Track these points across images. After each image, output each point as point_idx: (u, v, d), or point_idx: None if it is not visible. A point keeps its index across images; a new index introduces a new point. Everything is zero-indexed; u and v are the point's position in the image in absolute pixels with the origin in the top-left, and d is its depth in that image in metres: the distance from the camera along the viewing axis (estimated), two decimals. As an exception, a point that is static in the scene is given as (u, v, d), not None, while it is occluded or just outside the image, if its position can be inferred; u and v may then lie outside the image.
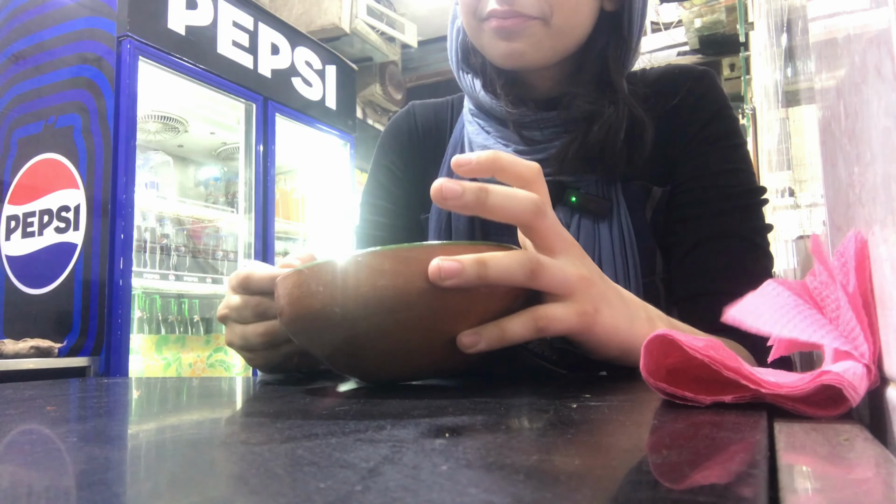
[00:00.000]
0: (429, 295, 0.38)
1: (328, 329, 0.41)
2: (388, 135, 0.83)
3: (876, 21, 0.30)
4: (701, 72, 0.72)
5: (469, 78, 0.74)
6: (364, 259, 0.39)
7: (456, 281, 0.37)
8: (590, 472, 0.20)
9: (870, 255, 0.33)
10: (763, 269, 0.64)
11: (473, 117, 0.74)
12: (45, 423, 0.34)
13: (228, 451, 0.25)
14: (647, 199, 0.68)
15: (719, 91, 0.71)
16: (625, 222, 0.66)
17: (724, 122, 0.69)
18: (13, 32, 2.45)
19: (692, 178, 0.67)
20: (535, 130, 0.69)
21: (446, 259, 0.38)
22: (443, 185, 0.39)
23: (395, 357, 0.42)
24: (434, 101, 0.85)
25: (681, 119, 0.69)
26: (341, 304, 0.39)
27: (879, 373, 0.31)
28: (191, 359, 2.48)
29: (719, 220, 0.65)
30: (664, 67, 0.75)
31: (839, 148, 0.42)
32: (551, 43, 0.66)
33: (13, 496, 0.18)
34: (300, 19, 3.65)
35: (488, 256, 0.39)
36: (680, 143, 0.69)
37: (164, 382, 0.60)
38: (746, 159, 0.69)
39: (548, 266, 0.41)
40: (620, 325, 0.44)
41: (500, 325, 0.40)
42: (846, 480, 0.21)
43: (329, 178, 3.29)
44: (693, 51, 4.17)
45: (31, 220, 2.28)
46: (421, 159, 0.80)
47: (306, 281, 0.40)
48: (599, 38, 0.70)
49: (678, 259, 0.66)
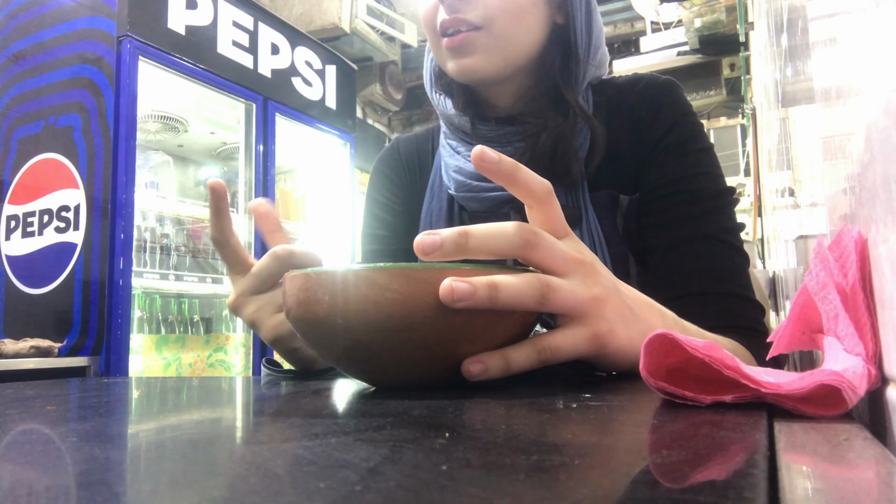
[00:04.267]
0: (433, 315, 0.38)
1: (331, 335, 0.41)
2: (377, 171, 0.87)
3: (876, 21, 0.30)
4: (663, 81, 0.74)
5: (441, 98, 0.78)
6: (370, 275, 0.38)
7: (467, 303, 0.37)
8: (590, 472, 0.20)
9: (870, 255, 0.33)
10: (738, 266, 0.65)
11: (446, 139, 0.78)
12: (45, 422, 0.34)
13: (228, 451, 0.25)
14: (615, 207, 0.70)
15: (682, 99, 0.73)
16: (594, 229, 0.68)
17: (686, 128, 0.70)
18: (13, 32, 2.45)
19: (660, 185, 0.69)
20: (498, 146, 0.72)
21: (458, 280, 0.37)
22: (421, 241, 0.39)
23: (396, 367, 0.42)
24: (416, 134, 0.89)
25: (644, 127, 0.71)
26: (343, 316, 0.39)
27: (880, 373, 0.31)
28: (191, 359, 2.48)
29: (690, 224, 0.66)
30: (629, 76, 0.77)
31: (839, 148, 0.42)
32: (499, 53, 0.69)
33: (13, 496, 0.18)
34: (300, 19, 3.65)
35: (500, 280, 0.38)
36: (644, 152, 0.70)
37: (164, 382, 0.60)
38: (712, 163, 0.70)
39: (557, 289, 0.40)
40: (635, 340, 0.44)
41: (505, 355, 0.40)
42: (846, 480, 0.21)
43: (329, 178, 3.29)
44: (693, 51, 4.17)
45: (31, 220, 2.28)
46: (409, 189, 0.84)
47: (313, 286, 0.40)
48: (552, 52, 0.72)
49: (654, 264, 0.68)
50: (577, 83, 0.72)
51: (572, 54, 0.72)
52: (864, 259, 0.34)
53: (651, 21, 4.35)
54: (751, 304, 0.64)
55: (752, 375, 0.30)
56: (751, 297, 0.64)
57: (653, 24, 4.36)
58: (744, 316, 0.62)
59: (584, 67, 0.72)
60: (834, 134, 0.45)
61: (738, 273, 0.64)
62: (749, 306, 0.63)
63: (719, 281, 0.63)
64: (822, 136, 0.54)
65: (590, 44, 0.72)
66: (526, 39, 0.70)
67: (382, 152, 0.89)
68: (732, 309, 0.62)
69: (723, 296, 0.63)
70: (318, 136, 3.14)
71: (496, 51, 0.68)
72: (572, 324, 0.42)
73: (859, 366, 0.30)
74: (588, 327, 0.42)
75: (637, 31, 4.71)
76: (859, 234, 0.34)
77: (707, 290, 0.63)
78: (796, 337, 0.38)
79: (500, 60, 0.69)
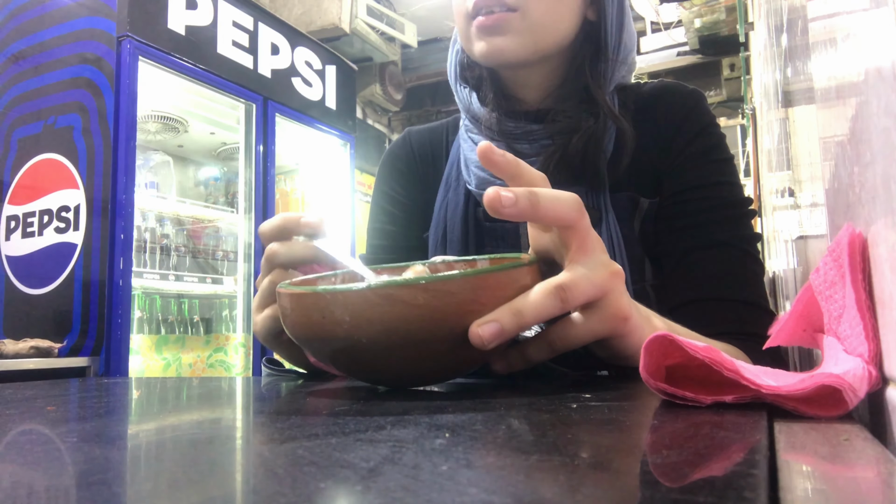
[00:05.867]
0: (448, 325, 0.38)
1: (336, 344, 0.40)
2: (387, 162, 0.86)
3: (876, 21, 0.30)
4: (690, 90, 0.75)
5: (465, 92, 0.77)
6: (384, 290, 0.38)
7: (499, 340, 0.38)
8: (590, 473, 0.20)
9: (870, 255, 0.33)
10: (754, 274, 0.65)
11: (468, 133, 0.77)
12: (45, 423, 0.34)
13: (228, 451, 0.25)
14: (634, 210, 0.70)
15: (707, 109, 0.74)
16: (614, 231, 0.68)
17: (710, 137, 0.71)
18: (13, 32, 2.45)
19: (681, 191, 0.69)
20: (524, 143, 0.72)
21: (483, 323, 0.38)
22: (498, 193, 0.39)
23: (398, 366, 0.41)
24: (429, 126, 0.88)
25: (669, 134, 0.71)
26: (348, 328, 0.39)
27: (880, 374, 0.31)
28: (191, 359, 2.48)
29: (709, 230, 0.66)
30: (656, 83, 0.77)
31: (839, 148, 0.42)
32: (531, 38, 0.68)
33: (13, 496, 0.18)
34: (300, 19, 3.65)
35: (522, 304, 0.39)
36: (668, 158, 0.71)
37: (164, 382, 0.60)
38: (734, 173, 0.71)
39: (573, 286, 0.41)
40: (646, 329, 0.45)
41: (522, 352, 0.45)
42: (846, 480, 0.21)
43: (329, 178, 3.29)
44: (693, 51, 4.17)
45: (31, 221, 2.28)
46: (420, 183, 0.83)
47: (319, 306, 0.40)
48: (582, 49, 0.73)
49: (670, 268, 0.68)
50: (605, 82, 0.72)
51: (602, 52, 0.72)
52: (865, 259, 0.34)
53: (651, 21, 4.34)
54: (764, 313, 0.63)
55: (752, 377, 0.30)
56: (764, 305, 0.64)
57: (653, 24, 4.36)
58: (756, 324, 0.62)
59: (612, 66, 0.72)
60: (834, 134, 0.45)
61: (753, 281, 0.65)
62: (762, 315, 0.63)
63: (734, 288, 0.63)
64: (822, 136, 0.54)
65: (620, 43, 0.73)
66: (558, 28, 0.70)
67: (393, 144, 0.88)
68: (745, 316, 0.62)
69: (737, 303, 0.63)
70: (318, 137, 3.14)
71: (529, 34, 0.68)
72: (590, 307, 0.43)
73: (860, 367, 0.30)
74: (607, 308, 0.42)
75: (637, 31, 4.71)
76: (860, 234, 0.34)
77: (721, 297, 0.63)
78: (797, 333, 0.38)
79: (532, 45, 0.69)
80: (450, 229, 0.75)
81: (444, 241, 0.75)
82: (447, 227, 0.75)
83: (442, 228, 0.76)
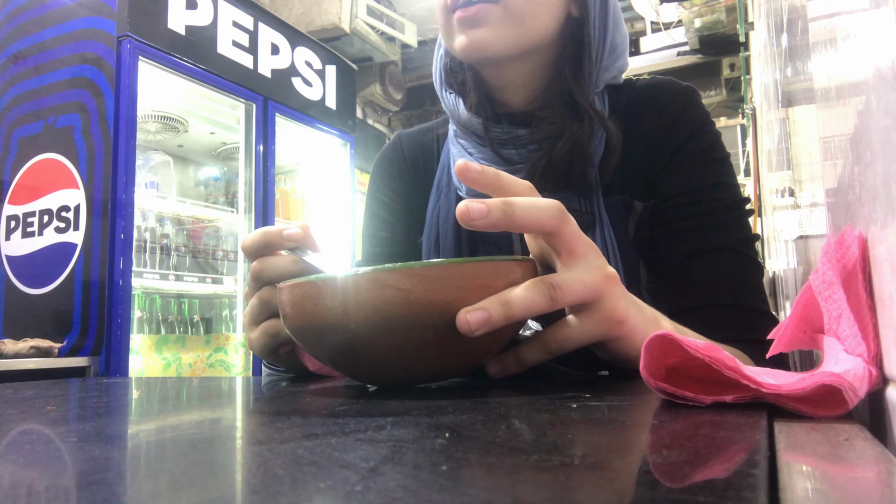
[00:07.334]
0: (440, 315, 0.38)
1: (330, 339, 0.41)
2: (379, 168, 0.85)
3: (876, 21, 0.30)
4: (683, 87, 0.73)
5: (451, 97, 0.76)
6: (376, 275, 0.38)
7: (486, 328, 0.38)
8: (590, 472, 0.20)
9: (870, 255, 0.33)
10: (753, 279, 0.64)
11: (457, 138, 0.76)
12: (45, 423, 0.34)
13: (228, 451, 0.25)
14: (628, 214, 0.69)
15: (701, 107, 0.72)
16: (608, 235, 0.67)
17: (706, 137, 0.70)
18: (13, 32, 2.45)
19: (678, 194, 0.68)
20: (511, 149, 0.71)
21: (471, 310, 0.38)
22: (469, 206, 0.39)
23: (389, 357, 0.42)
24: (419, 129, 0.86)
25: (662, 135, 0.70)
26: (346, 318, 0.39)
27: (880, 373, 0.31)
28: (191, 359, 2.48)
29: (707, 234, 0.65)
30: (648, 80, 0.75)
31: (839, 148, 0.42)
32: (512, 30, 0.67)
33: (13, 496, 0.18)
34: (300, 19, 3.65)
35: (511, 296, 0.39)
36: (662, 159, 0.69)
37: (164, 382, 0.60)
38: (730, 172, 0.69)
39: (564, 285, 0.41)
40: (649, 327, 0.45)
41: (517, 354, 0.45)
42: (846, 480, 0.21)
43: (329, 178, 3.29)
44: (693, 51, 4.17)
45: (31, 220, 2.28)
46: (413, 188, 0.82)
47: (311, 294, 0.40)
48: (567, 48, 0.71)
49: (668, 273, 0.67)
50: (589, 83, 0.70)
51: (585, 51, 0.70)
52: (865, 259, 0.34)
53: (651, 21, 4.35)
54: (765, 317, 0.63)
55: (752, 376, 0.30)
56: (765, 309, 0.63)
57: (653, 24, 4.36)
58: (757, 329, 0.61)
59: (598, 67, 0.71)
60: (834, 134, 0.45)
61: (753, 285, 0.64)
62: (763, 319, 0.62)
63: (734, 293, 0.63)
64: (822, 136, 0.54)
65: (605, 42, 0.71)
66: (540, 20, 0.68)
67: (384, 149, 0.86)
68: (747, 322, 0.61)
69: (738, 308, 0.62)
70: (318, 137, 3.14)
71: (510, 25, 0.66)
72: (584, 309, 0.43)
73: (860, 367, 0.30)
74: (601, 310, 0.42)
75: (637, 32, 4.71)
76: (860, 234, 0.34)
77: (722, 303, 0.62)
78: (797, 336, 0.38)
79: (513, 38, 0.67)
80: (442, 235, 0.74)
81: (437, 246, 0.74)
82: (439, 233, 0.75)
83: (434, 234, 0.75)
